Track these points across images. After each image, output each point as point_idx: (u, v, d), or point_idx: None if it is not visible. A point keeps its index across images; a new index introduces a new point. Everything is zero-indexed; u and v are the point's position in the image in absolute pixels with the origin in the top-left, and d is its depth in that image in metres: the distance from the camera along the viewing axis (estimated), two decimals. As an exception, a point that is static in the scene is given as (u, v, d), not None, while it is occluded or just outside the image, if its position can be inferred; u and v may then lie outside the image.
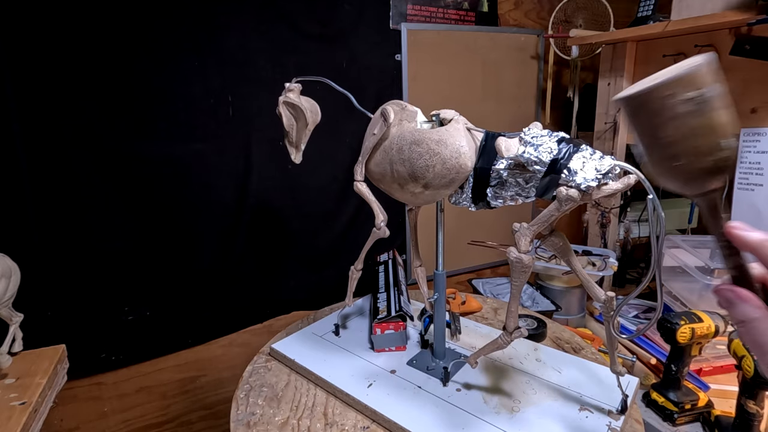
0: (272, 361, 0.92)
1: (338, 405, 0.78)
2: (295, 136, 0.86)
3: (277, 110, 0.84)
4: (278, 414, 0.76)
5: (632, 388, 0.75)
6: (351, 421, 0.74)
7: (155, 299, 1.23)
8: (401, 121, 0.75)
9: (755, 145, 1.10)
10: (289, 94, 0.83)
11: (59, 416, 1.19)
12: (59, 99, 1.04)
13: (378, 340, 0.90)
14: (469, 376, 0.80)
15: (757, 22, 0.98)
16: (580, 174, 0.58)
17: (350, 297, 0.93)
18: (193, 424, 1.39)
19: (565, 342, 0.98)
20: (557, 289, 1.41)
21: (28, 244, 1.05)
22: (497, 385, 0.78)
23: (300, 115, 0.84)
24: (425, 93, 1.51)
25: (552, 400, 0.74)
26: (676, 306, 1.17)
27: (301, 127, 0.85)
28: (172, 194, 1.20)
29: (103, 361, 1.20)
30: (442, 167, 0.68)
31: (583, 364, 0.84)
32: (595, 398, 0.74)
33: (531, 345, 0.91)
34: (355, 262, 0.89)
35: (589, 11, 1.60)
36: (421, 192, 0.71)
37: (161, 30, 1.11)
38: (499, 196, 0.69)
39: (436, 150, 0.68)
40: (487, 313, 1.11)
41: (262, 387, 0.83)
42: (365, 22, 1.36)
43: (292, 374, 0.87)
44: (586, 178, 0.57)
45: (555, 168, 0.60)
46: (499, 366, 0.84)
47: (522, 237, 0.62)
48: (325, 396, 0.80)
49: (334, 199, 1.43)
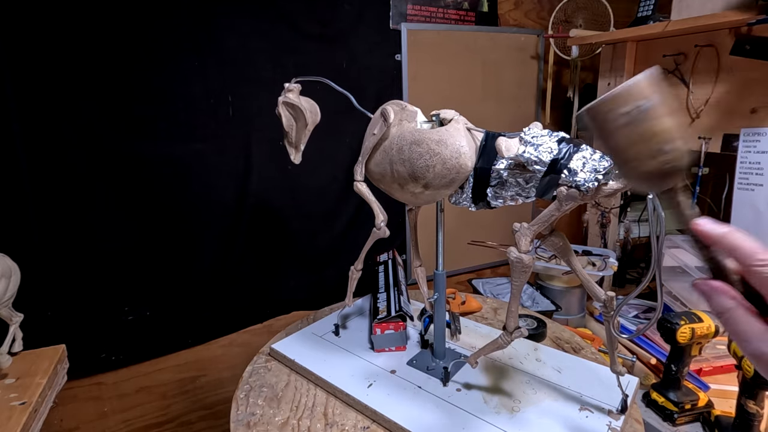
0: (272, 361, 0.92)
1: (338, 405, 0.78)
2: (294, 137, 0.86)
3: (277, 110, 0.84)
4: (278, 414, 0.76)
5: (632, 388, 0.75)
6: (351, 421, 0.74)
7: (155, 299, 1.23)
8: (401, 121, 0.75)
9: (755, 145, 1.10)
10: (288, 95, 0.83)
11: (59, 416, 1.19)
12: (59, 99, 1.04)
13: (378, 340, 0.90)
14: (469, 376, 0.80)
15: (757, 22, 0.98)
16: (580, 174, 0.58)
17: (350, 297, 0.93)
18: (193, 424, 1.39)
19: (565, 342, 0.98)
20: (557, 289, 1.41)
21: (28, 244, 1.05)
22: (497, 385, 0.78)
23: (299, 116, 0.84)
24: (425, 93, 1.51)
25: (552, 400, 0.74)
26: (676, 306, 1.17)
27: (301, 127, 0.85)
28: (172, 194, 1.20)
29: (103, 361, 1.20)
30: (442, 167, 0.68)
31: (583, 364, 0.84)
32: (595, 398, 0.74)
33: (531, 345, 0.91)
34: (355, 262, 0.89)
35: (589, 11, 1.60)
36: (421, 192, 0.71)
37: (161, 30, 1.11)
38: (500, 196, 0.68)
39: (436, 150, 0.68)
40: (487, 313, 1.11)
41: (262, 387, 0.83)
42: (365, 22, 1.36)
43: (292, 374, 0.87)
44: (586, 179, 0.58)
45: (555, 168, 0.60)
46: (499, 366, 0.84)
47: (522, 237, 0.62)
48: (326, 396, 0.80)
49: (334, 199, 1.43)
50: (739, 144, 1.13)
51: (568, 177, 0.59)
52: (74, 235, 1.10)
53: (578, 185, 0.58)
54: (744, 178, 1.13)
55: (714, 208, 1.55)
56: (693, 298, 1.12)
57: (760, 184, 1.10)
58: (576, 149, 0.60)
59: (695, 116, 1.23)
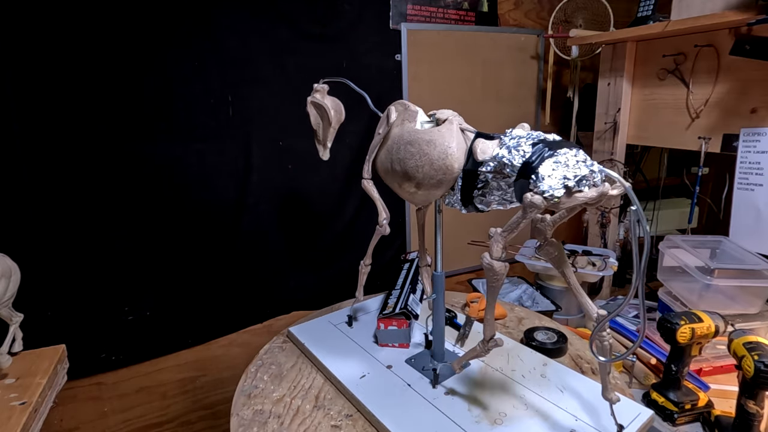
0: (288, 342, 0.99)
1: (331, 391, 0.82)
2: (321, 135, 0.90)
3: (306, 110, 0.88)
4: (277, 390, 0.82)
5: (640, 422, 0.67)
6: (338, 407, 0.78)
7: (155, 299, 1.23)
8: (403, 121, 0.75)
9: (755, 145, 1.10)
10: (315, 95, 0.86)
11: (59, 416, 1.19)
12: (59, 99, 1.04)
13: (381, 335, 0.91)
14: (463, 382, 0.79)
15: (757, 22, 0.98)
16: (546, 181, 0.54)
17: (360, 291, 0.96)
18: (193, 424, 1.39)
19: (586, 362, 0.91)
20: (557, 289, 1.41)
21: (28, 244, 1.05)
22: (489, 395, 0.76)
23: (324, 115, 0.87)
24: (425, 93, 1.51)
25: (541, 419, 0.70)
26: (676, 306, 1.17)
27: (326, 126, 0.89)
28: (172, 194, 1.20)
29: (103, 361, 1.20)
30: (429, 168, 0.68)
31: (593, 387, 0.77)
32: (590, 424, 0.68)
33: (540, 359, 0.87)
34: (364, 258, 0.91)
35: (589, 11, 1.60)
36: (415, 192, 0.72)
37: (161, 30, 1.11)
38: (485, 200, 0.67)
39: (426, 150, 0.68)
40: (510, 322, 1.08)
41: (271, 365, 0.91)
42: (365, 22, 1.36)
43: (301, 357, 0.93)
44: (552, 186, 0.54)
45: (525, 172, 0.57)
46: (498, 376, 0.82)
47: (494, 243, 0.60)
48: (323, 381, 0.85)
49: (334, 199, 1.43)
50: (738, 144, 1.13)
51: (534, 182, 0.55)
52: (74, 235, 1.10)
53: (542, 192, 0.54)
54: (744, 178, 1.13)
55: (714, 208, 1.55)
56: (693, 298, 1.12)
57: (760, 184, 1.10)
58: (551, 153, 0.56)
59: (695, 116, 1.23)
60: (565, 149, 0.56)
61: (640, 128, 1.42)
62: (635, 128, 1.44)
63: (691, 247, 1.17)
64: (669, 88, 1.30)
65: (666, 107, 1.32)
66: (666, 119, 1.32)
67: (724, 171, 1.47)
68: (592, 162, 0.56)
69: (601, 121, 1.50)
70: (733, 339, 0.86)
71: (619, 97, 1.42)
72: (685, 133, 1.27)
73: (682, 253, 1.18)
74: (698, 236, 1.29)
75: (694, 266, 1.11)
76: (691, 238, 1.27)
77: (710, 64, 1.18)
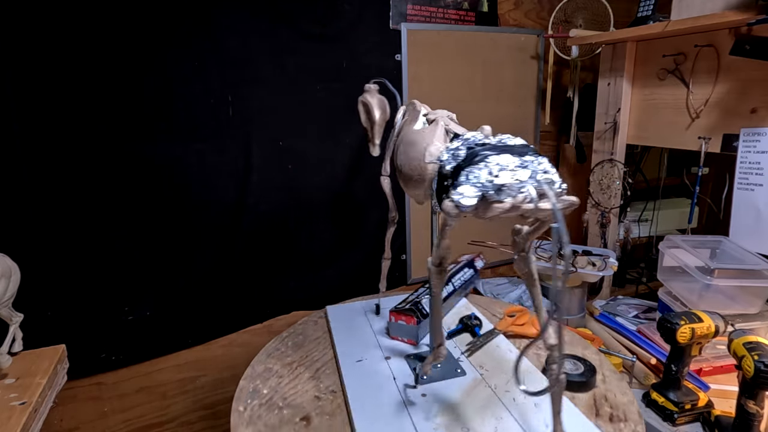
0: (323, 318, 1.07)
1: (331, 367, 0.88)
2: (369, 132, 0.94)
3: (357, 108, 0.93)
4: (290, 356, 0.91)
5: None
6: (329, 382, 0.84)
7: (155, 299, 1.23)
8: (410, 120, 0.78)
9: (755, 145, 1.10)
10: (365, 95, 0.91)
11: (59, 416, 1.19)
12: (59, 99, 1.04)
13: (392, 327, 0.95)
14: (450, 390, 0.78)
15: (757, 22, 0.98)
16: (461, 188, 0.52)
17: (383, 283, 1.00)
18: (193, 424, 1.39)
19: (609, 405, 0.76)
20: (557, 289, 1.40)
21: (28, 244, 1.05)
22: (466, 408, 0.73)
23: (371, 113, 0.92)
24: (425, 93, 1.51)
25: None
26: (676, 306, 1.17)
27: (372, 124, 0.93)
28: (172, 194, 1.20)
29: (103, 361, 1.20)
30: (408, 167, 0.70)
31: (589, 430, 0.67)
32: None
33: (541, 385, 0.74)
34: (384, 252, 0.97)
35: (589, 11, 1.60)
36: (407, 190, 0.75)
37: (161, 30, 1.11)
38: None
39: (407, 150, 0.71)
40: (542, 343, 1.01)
41: (299, 335, 1.00)
42: (365, 22, 1.36)
43: (326, 333, 1.00)
44: (464, 193, 0.51)
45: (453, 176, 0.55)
46: (487, 393, 0.77)
47: (435, 248, 0.62)
48: (330, 357, 0.91)
49: (334, 199, 1.43)
50: (738, 144, 1.13)
51: (452, 189, 0.53)
52: (74, 235, 1.10)
53: (453, 199, 0.51)
54: (744, 178, 1.13)
55: (714, 208, 1.55)
56: (693, 298, 1.12)
57: (760, 184, 1.10)
58: (481, 159, 0.52)
59: (695, 116, 1.23)
60: (505, 155, 0.52)
61: (640, 128, 1.42)
62: (635, 128, 1.44)
63: (691, 247, 1.17)
64: (669, 88, 1.30)
65: (666, 107, 1.32)
66: (666, 119, 1.32)
67: (724, 171, 1.47)
68: (534, 171, 0.51)
69: (601, 121, 1.50)
70: (733, 339, 0.86)
71: (619, 97, 1.42)
72: (685, 133, 1.27)
73: (682, 253, 1.18)
74: (698, 236, 1.29)
75: (694, 266, 1.11)
76: (691, 238, 1.27)
77: (710, 64, 1.18)
